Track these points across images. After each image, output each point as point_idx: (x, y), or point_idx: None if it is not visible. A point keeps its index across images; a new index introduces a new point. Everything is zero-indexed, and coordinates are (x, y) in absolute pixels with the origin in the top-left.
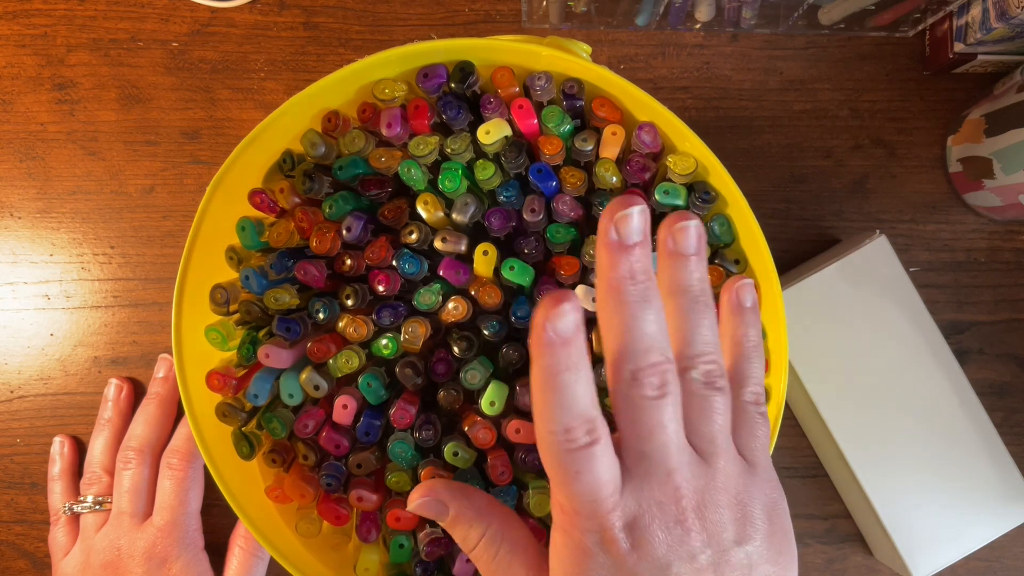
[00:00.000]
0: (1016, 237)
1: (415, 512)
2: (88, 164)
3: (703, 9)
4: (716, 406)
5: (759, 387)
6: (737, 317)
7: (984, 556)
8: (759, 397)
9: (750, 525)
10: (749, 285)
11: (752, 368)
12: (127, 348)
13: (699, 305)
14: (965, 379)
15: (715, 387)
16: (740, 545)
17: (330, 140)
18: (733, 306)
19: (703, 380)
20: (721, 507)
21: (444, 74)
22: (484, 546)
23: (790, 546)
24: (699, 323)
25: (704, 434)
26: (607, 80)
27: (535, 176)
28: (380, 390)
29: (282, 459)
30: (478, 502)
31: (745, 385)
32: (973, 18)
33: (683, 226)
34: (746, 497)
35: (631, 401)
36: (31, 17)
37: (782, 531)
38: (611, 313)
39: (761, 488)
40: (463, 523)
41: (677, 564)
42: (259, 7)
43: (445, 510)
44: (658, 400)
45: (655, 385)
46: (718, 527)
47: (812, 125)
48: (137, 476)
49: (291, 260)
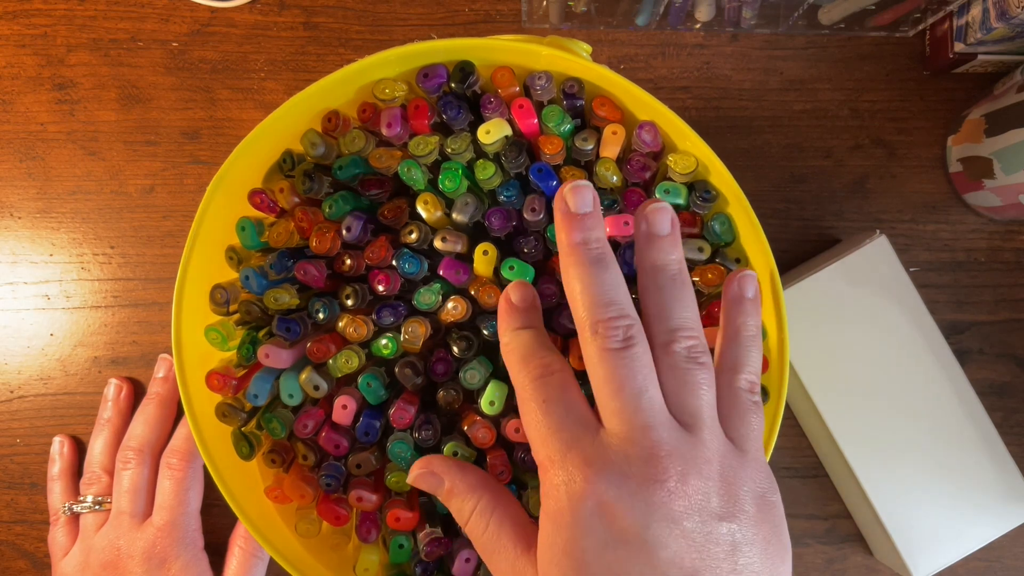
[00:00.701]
0: (1016, 237)
1: (413, 484)
2: (88, 164)
3: (703, 9)
4: (700, 380)
5: (755, 376)
6: (737, 306)
7: (984, 556)
8: (754, 386)
9: (736, 506)
10: (752, 277)
11: (749, 356)
12: (127, 348)
13: (676, 283)
14: (965, 379)
15: (698, 362)
16: (725, 521)
17: (330, 140)
18: (734, 296)
19: (685, 354)
20: (705, 477)
21: (444, 74)
22: (475, 519)
23: (781, 541)
24: (677, 298)
25: (687, 407)
26: (607, 79)
27: (535, 176)
28: (380, 390)
29: (282, 459)
30: (471, 477)
31: (740, 371)
32: (973, 18)
33: (656, 208)
34: (732, 477)
35: (599, 357)
36: (31, 17)
37: (771, 523)
38: (571, 277)
39: (750, 475)
40: (457, 496)
41: (657, 525)
42: (259, 7)
43: (440, 483)
44: (624, 351)
45: (619, 337)
46: (701, 496)
47: (812, 125)
48: (136, 476)
49: (291, 260)
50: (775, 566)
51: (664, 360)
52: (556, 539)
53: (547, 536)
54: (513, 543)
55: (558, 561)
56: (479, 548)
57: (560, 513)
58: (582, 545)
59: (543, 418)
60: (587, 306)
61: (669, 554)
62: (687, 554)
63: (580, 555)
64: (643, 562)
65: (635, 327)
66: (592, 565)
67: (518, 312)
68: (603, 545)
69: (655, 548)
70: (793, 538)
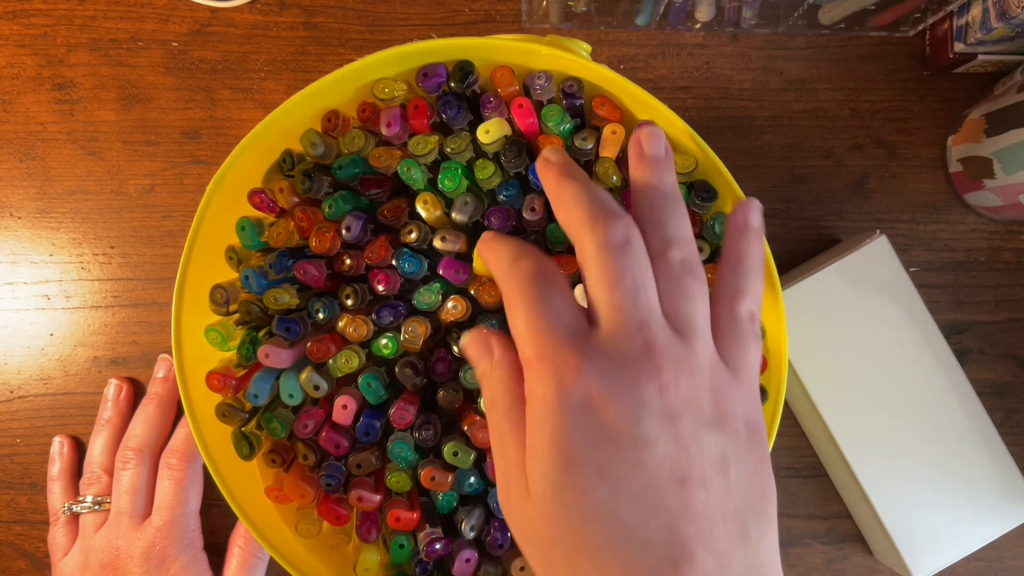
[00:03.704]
0: (1016, 237)
1: (464, 348)
2: (88, 164)
3: (703, 9)
4: (695, 288)
5: (756, 306)
6: (742, 234)
7: (984, 556)
8: (754, 315)
9: (727, 422)
10: (757, 206)
11: (751, 283)
12: (127, 348)
13: (671, 200)
14: (965, 379)
15: (693, 272)
16: (716, 432)
17: (330, 140)
18: (739, 224)
19: (680, 263)
20: (698, 384)
21: (444, 73)
22: (504, 404)
23: (769, 477)
24: (672, 212)
25: (682, 313)
26: (607, 79)
27: (535, 175)
28: (380, 390)
29: (282, 459)
30: (516, 369)
31: (740, 298)
32: (973, 18)
33: (651, 132)
34: (724, 393)
35: (596, 253)
36: (31, 17)
37: (761, 455)
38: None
39: (742, 398)
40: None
41: (648, 422)
42: (259, 7)
43: (489, 357)
44: (623, 248)
45: (619, 233)
46: (693, 400)
47: (812, 125)
48: (136, 476)
49: (291, 260)
50: (765, 494)
51: (659, 267)
52: (541, 434)
53: (534, 433)
54: (522, 438)
55: (542, 456)
56: (493, 435)
57: (547, 406)
58: (569, 438)
59: (534, 315)
60: (586, 208)
61: (659, 453)
62: (677, 456)
63: (567, 449)
64: (632, 459)
65: (636, 231)
66: (578, 460)
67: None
68: (591, 440)
69: (645, 446)
70: (793, 538)
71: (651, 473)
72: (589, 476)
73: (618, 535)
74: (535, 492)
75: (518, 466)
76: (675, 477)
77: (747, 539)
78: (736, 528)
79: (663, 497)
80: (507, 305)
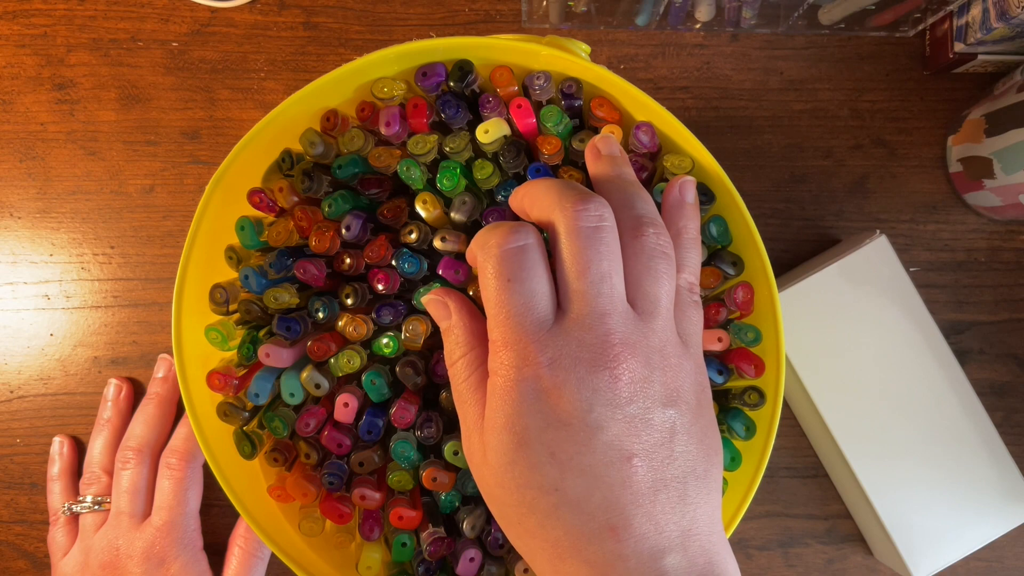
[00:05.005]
0: (1016, 237)
1: (425, 304)
2: (88, 164)
3: (703, 9)
4: (664, 269)
5: (694, 277)
6: (679, 210)
7: (984, 556)
8: (693, 285)
9: (679, 395)
10: (691, 182)
11: (689, 257)
12: (127, 348)
13: (635, 185)
14: (965, 379)
15: (664, 252)
16: (667, 407)
17: (329, 139)
18: (675, 201)
19: (653, 243)
20: (652, 366)
21: (443, 73)
22: (461, 365)
23: (716, 437)
24: (639, 196)
25: (649, 293)
26: (606, 80)
27: (533, 176)
28: (384, 388)
29: (284, 458)
30: (476, 326)
31: (681, 271)
32: (973, 18)
33: (606, 137)
34: (678, 368)
35: (568, 235)
36: (31, 17)
37: (708, 418)
38: (533, 187)
39: (691, 369)
40: (453, 336)
41: (600, 408)
42: (259, 7)
43: (448, 316)
44: (595, 232)
45: (592, 215)
46: (646, 383)
47: (812, 125)
48: (136, 476)
49: (290, 259)
50: (709, 458)
51: (631, 245)
52: (499, 414)
53: (492, 410)
54: (482, 405)
55: (498, 433)
56: (455, 394)
57: (506, 390)
58: (524, 422)
59: (505, 298)
60: (556, 193)
61: (608, 437)
62: (626, 438)
63: (521, 431)
64: (581, 442)
65: (610, 215)
66: (532, 442)
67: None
68: (544, 424)
69: (595, 430)
70: (793, 538)
71: (599, 454)
72: (540, 455)
73: (563, 504)
74: (491, 460)
75: (478, 432)
76: (622, 456)
77: (685, 502)
78: (677, 493)
79: (607, 473)
80: (480, 287)
